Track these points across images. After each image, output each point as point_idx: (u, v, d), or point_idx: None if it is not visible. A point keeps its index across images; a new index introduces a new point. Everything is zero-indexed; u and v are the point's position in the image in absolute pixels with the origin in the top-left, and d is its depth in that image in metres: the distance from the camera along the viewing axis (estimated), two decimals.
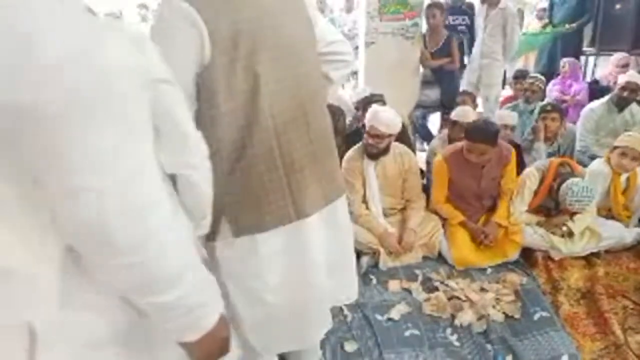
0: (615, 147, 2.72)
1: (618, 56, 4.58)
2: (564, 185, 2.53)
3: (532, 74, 4.06)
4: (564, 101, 4.42)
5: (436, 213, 2.79)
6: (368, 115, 2.61)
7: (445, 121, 3.66)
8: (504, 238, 2.64)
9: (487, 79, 4.35)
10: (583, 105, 3.93)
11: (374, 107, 2.69)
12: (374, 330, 2.11)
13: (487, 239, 2.60)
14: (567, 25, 5.04)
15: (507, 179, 2.71)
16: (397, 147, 2.73)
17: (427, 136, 4.26)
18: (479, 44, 4.40)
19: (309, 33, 1.30)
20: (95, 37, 0.64)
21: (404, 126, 2.87)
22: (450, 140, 3.02)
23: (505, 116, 3.33)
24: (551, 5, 5.35)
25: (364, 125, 2.76)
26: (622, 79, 3.50)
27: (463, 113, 3.07)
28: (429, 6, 4.01)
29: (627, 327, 2.09)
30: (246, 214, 1.24)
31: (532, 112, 3.63)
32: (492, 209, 2.76)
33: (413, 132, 4.21)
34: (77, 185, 0.62)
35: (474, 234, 2.64)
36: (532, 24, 7.21)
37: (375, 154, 2.61)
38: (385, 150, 2.63)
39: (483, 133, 2.50)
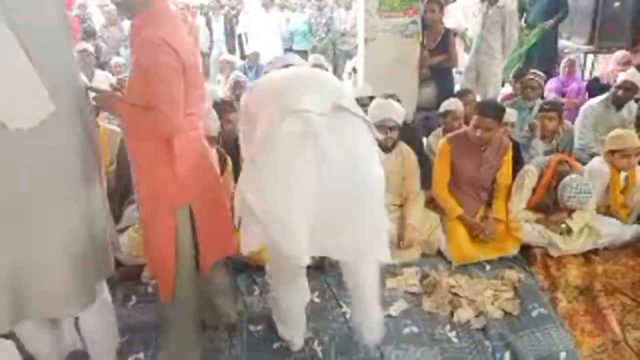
0: (613, 152, 2.70)
1: (620, 54, 4.55)
2: (562, 182, 2.53)
3: (532, 70, 4.03)
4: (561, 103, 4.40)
5: (435, 207, 2.81)
6: (377, 110, 2.61)
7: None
8: (504, 233, 2.65)
9: (485, 77, 4.33)
10: (581, 104, 3.91)
11: (380, 100, 2.70)
12: None
13: (484, 233, 2.61)
14: (545, 25, 4.89)
15: (503, 170, 2.73)
16: (402, 145, 2.76)
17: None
18: (476, 42, 4.38)
19: None
20: None
21: (412, 125, 2.86)
22: (445, 133, 3.04)
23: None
24: (522, 7, 5.15)
25: None
26: (620, 78, 3.51)
27: (453, 103, 3.22)
28: (429, 1, 3.99)
29: (626, 324, 2.10)
30: None
31: (531, 109, 3.62)
32: (489, 204, 2.78)
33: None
34: None
35: (472, 228, 2.65)
36: None
37: (390, 146, 2.66)
38: (394, 144, 2.68)
39: (493, 108, 2.64)
